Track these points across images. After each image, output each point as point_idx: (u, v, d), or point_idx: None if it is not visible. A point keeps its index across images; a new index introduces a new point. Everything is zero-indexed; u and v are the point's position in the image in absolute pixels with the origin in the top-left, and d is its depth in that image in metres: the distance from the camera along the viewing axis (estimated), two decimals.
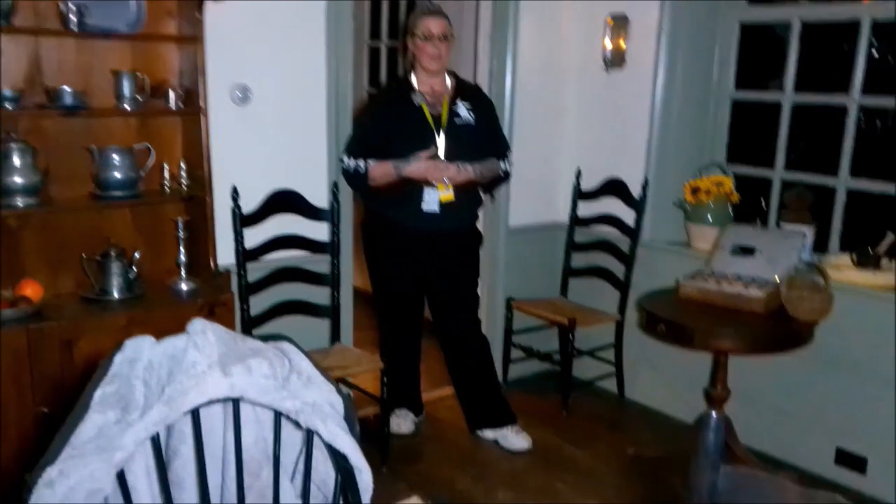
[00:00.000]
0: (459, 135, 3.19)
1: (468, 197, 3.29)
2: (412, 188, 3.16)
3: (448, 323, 3.44)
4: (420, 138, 3.14)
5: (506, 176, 3.41)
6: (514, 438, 3.44)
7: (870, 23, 3.27)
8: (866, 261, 3.15)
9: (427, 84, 3.23)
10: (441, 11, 3.19)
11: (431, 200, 3.17)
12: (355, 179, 3.24)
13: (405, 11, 5.05)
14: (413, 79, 3.24)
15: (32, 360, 2.54)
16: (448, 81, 3.27)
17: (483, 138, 3.27)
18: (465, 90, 3.31)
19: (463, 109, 3.24)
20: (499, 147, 3.36)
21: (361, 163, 3.17)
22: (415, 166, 3.09)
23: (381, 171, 3.14)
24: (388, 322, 3.50)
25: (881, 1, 3.24)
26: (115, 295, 2.83)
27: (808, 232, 3.30)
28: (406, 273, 3.34)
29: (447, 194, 3.16)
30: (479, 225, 3.52)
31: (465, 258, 3.39)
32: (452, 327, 3.44)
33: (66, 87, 2.70)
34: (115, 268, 2.82)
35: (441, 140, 3.17)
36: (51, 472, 1.21)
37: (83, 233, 2.92)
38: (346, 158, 3.23)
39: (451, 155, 3.16)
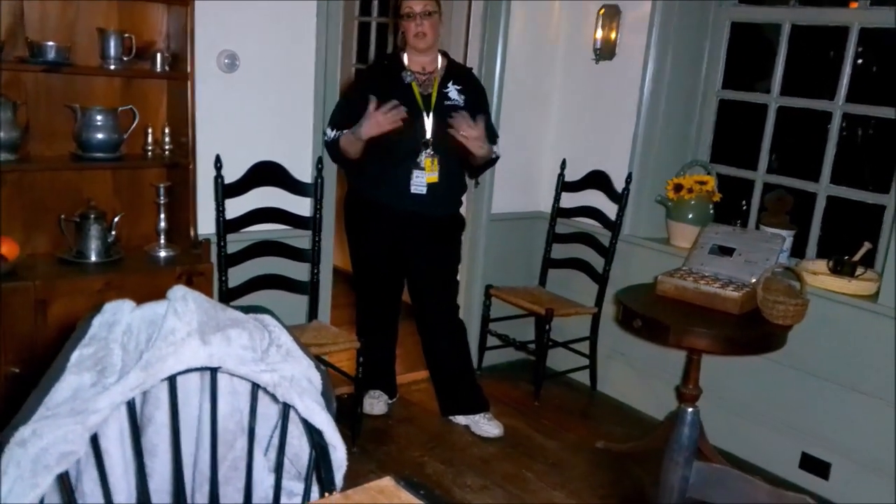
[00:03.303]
0: (446, 116, 3.16)
1: (453, 181, 3.29)
2: (401, 169, 3.15)
3: (426, 306, 3.43)
4: (408, 116, 3.11)
5: (495, 160, 3.44)
6: (486, 425, 3.45)
7: (858, 29, 3.29)
8: (842, 268, 3.19)
9: (418, 63, 3.21)
10: None
11: (420, 182, 3.16)
12: (333, 150, 3.23)
13: None
14: (404, 57, 3.22)
15: (4, 320, 2.49)
16: (440, 61, 3.25)
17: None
18: (457, 72, 3.30)
19: (453, 91, 3.22)
20: (489, 132, 3.34)
21: (338, 134, 3.16)
22: (366, 125, 3.01)
23: (346, 140, 3.12)
24: (367, 302, 3.48)
25: (870, 9, 3.27)
26: (93, 258, 2.78)
27: (787, 236, 3.33)
28: (387, 253, 3.32)
29: (432, 176, 3.16)
30: (463, 210, 3.51)
31: (447, 242, 3.39)
32: (431, 310, 3.43)
33: (49, 43, 2.64)
34: (94, 230, 2.77)
35: (429, 121, 3.15)
36: (24, 432, 1.19)
37: (62, 193, 2.86)
38: (328, 130, 3.22)
39: (437, 136, 3.15)
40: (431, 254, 3.34)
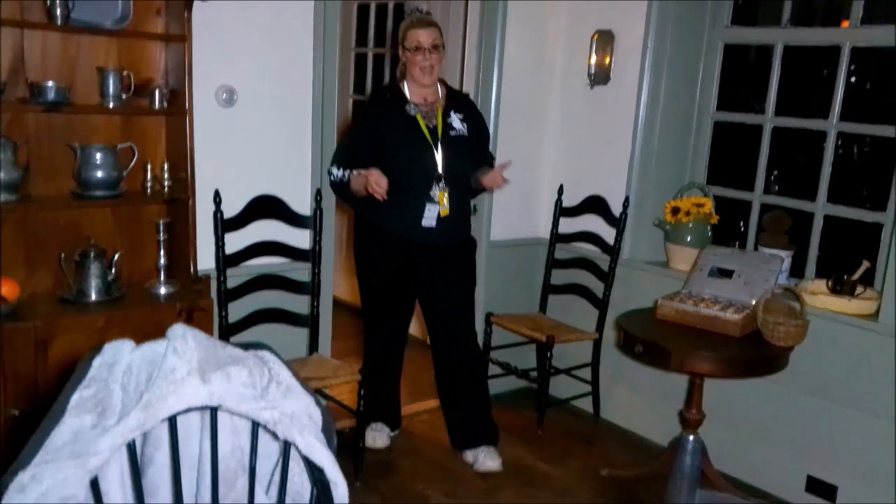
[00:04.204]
0: (455, 146, 3.17)
1: (462, 208, 3.27)
2: (413, 202, 3.12)
3: (441, 332, 3.37)
4: (417, 150, 3.12)
5: None
6: (484, 457, 3.36)
7: (849, 49, 3.32)
8: (841, 287, 3.19)
9: (419, 94, 3.20)
10: (431, 21, 3.16)
11: (432, 216, 3.13)
12: (341, 190, 3.20)
13: (393, 18, 5.05)
14: (405, 88, 3.20)
15: (5, 361, 2.49)
16: (440, 91, 3.25)
17: (474, 149, 3.27)
18: (457, 100, 3.30)
19: (456, 121, 3.21)
20: (487, 157, 3.36)
21: (347, 173, 3.13)
22: (358, 183, 3.07)
23: (356, 182, 3.09)
24: (375, 332, 3.45)
25: (860, 28, 3.29)
26: (93, 296, 2.78)
27: (786, 256, 3.33)
28: (397, 282, 3.29)
29: (445, 209, 3.14)
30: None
31: (460, 265, 3.34)
32: (445, 337, 3.37)
33: (49, 82, 2.67)
34: (94, 268, 2.78)
35: (439, 154, 3.13)
36: (23, 477, 1.19)
37: (62, 231, 2.87)
38: (334, 169, 3.18)
39: (448, 166, 3.14)
40: (444, 278, 3.29)
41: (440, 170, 3.13)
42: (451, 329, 3.37)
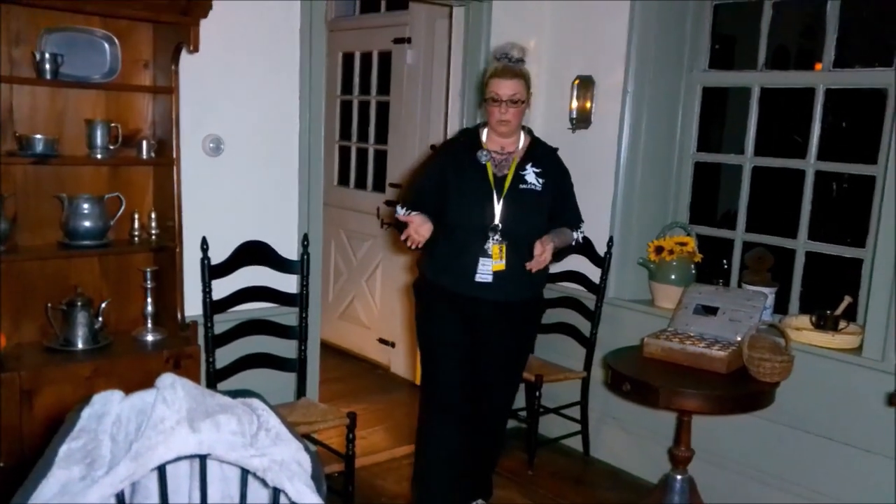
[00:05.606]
0: (519, 200, 2.91)
1: (524, 268, 2.89)
2: (468, 255, 2.89)
3: (478, 398, 3.08)
4: (477, 198, 2.90)
5: (577, 246, 3.13)
6: None
7: (823, 91, 3.41)
8: (825, 323, 3.23)
9: (497, 142, 2.96)
10: (517, 71, 2.88)
11: (486, 271, 2.88)
12: (402, 229, 2.97)
13: (377, 66, 5.13)
14: (483, 134, 3.00)
15: None
16: (522, 140, 3.00)
17: (546, 206, 2.98)
18: (539, 152, 3.03)
19: (531, 174, 2.95)
20: (570, 217, 3.07)
21: (409, 213, 2.88)
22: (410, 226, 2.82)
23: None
24: (434, 403, 3.09)
25: (833, 71, 3.38)
26: (80, 345, 2.77)
27: (769, 293, 3.37)
28: (459, 337, 3.01)
29: (499, 264, 2.89)
30: None
31: (519, 333, 3.10)
32: (480, 410, 3.10)
33: (37, 136, 2.70)
34: (81, 317, 2.78)
35: (499, 206, 2.89)
36: None
37: (49, 280, 2.88)
38: (398, 208, 2.97)
39: (506, 221, 2.89)
40: (497, 344, 3.04)
41: (497, 221, 2.89)
42: (490, 395, 3.12)
